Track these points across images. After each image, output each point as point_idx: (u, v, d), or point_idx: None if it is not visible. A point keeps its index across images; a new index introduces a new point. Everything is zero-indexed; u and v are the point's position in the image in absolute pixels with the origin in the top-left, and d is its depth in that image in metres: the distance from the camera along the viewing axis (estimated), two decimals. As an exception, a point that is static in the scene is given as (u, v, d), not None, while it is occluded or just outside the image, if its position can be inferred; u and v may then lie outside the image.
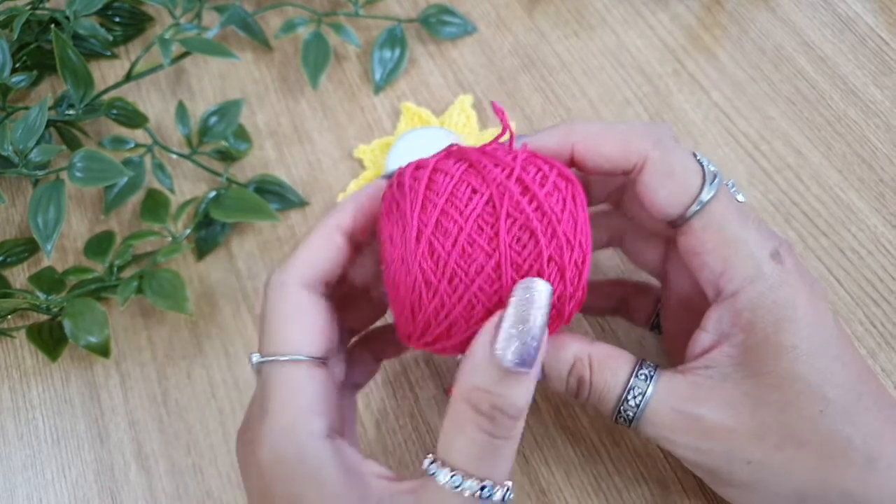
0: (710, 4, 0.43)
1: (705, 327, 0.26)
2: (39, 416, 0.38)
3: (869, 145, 0.38)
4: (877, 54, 0.40)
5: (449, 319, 0.24)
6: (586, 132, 0.27)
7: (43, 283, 0.39)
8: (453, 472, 0.23)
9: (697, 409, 0.25)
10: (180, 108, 0.42)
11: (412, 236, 0.24)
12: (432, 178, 0.25)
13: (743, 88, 0.40)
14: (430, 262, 0.24)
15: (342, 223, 0.27)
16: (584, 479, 0.32)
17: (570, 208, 0.25)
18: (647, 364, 0.27)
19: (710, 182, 0.26)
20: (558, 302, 0.24)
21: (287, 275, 0.26)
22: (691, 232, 0.26)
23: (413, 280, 0.24)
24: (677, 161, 0.26)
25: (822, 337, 0.25)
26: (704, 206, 0.26)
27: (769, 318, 0.25)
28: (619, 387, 0.26)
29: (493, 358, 0.23)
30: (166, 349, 0.38)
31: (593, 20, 0.44)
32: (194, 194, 0.42)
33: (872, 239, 0.36)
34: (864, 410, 0.25)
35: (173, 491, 0.35)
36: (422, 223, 0.24)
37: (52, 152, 0.37)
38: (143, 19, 0.48)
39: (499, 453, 0.23)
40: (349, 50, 0.46)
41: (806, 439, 0.25)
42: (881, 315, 0.34)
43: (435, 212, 0.24)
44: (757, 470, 0.25)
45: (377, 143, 0.42)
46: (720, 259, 0.26)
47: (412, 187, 0.25)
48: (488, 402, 0.23)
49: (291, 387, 0.25)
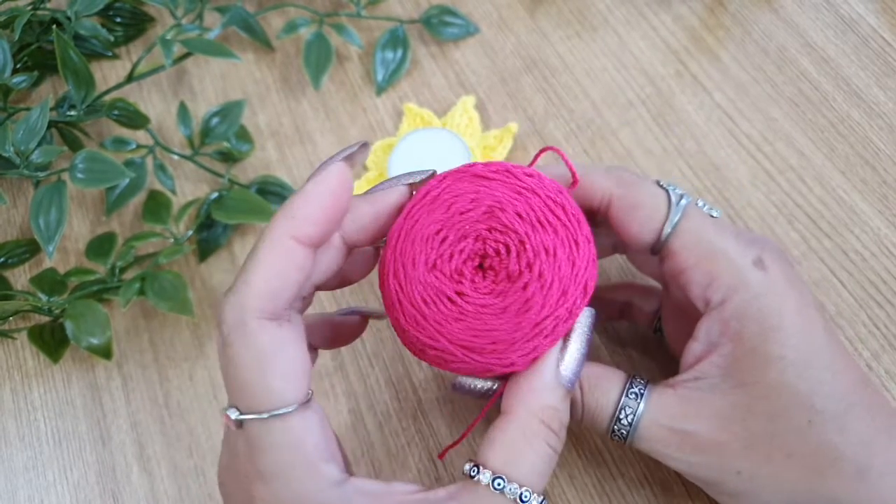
0: (712, 6, 0.43)
1: (696, 337, 0.27)
2: (41, 417, 0.38)
3: (872, 147, 0.38)
4: (880, 56, 0.40)
5: (410, 303, 0.25)
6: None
7: (44, 285, 0.39)
8: (519, 487, 0.23)
9: (687, 425, 0.26)
10: (182, 108, 0.42)
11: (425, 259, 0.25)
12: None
13: (746, 90, 0.40)
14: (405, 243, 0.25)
15: (296, 232, 0.23)
16: (587, 482, 0.32)
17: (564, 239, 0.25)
18: (637, 381, 0.27)
19: (677, 203, 0.26)
20: (561, 324, 0.25)
21: (244, 307, 0.22)
22: (671, 254, 0.27)
23: (420, 304, 0.25)
24: (641, 192, 0.27)
25: (811, 346, 0.25)
26: (676, 227, 0.26)
27: (755, 327, 0.25)
28: (610, 406, 0.27)
29: (559, 378, 0.24)
30: (168, 351, 0.38)
31: (595, 21, 0.44)
32: (196, 195, 0.42)
33: (876, 241, 0.35)
34: (856, 419, 0.25)
35: (175, 493, 0.35)
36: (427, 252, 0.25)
37: (54, 153, 0.37)
38: (145, 20, 0.48)
39: (552, 466, 0.25)
40: (351, 51, 0.46)
41: (795, 450, 0.25)
42: (884, 317, 0.34)
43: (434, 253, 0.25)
44: (747, 480, 0.25)
45: (379, 144, 0.42)
46: (703, 272, 0.26)
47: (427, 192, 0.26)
48: (558, 419, 0.24)
49: (290, 446, 0.22)
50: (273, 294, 0.22)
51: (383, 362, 0.36)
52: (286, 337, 0.23)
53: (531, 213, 0.25)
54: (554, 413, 0.24)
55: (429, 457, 0.34)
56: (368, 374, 0.36)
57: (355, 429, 0.35)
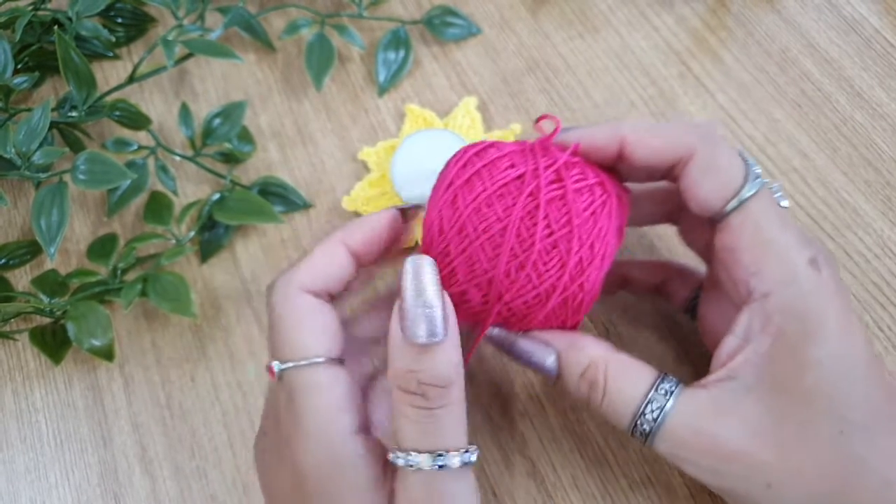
0: (715, 7, 0.43)
1: (734, 331, 0.26)
2: (42, 419, 0.37)
3: (875, 148, 0.38)
4: (883, 56, 0.40)
5: (452, 265, 0.26)
6: (636, 127, 0.28)
7: (46, 286, 0.38)
8: (408, 454, 0.24)
9: (717, 429, 0.25)
10: (183, 109, 0.42)
11: (444, 184, 0.27)
12: (486, 149, 0.28)
13: (748, 91, 0.40)
14: (448, 210, 0.27)
15: (348, 240, 0.28)
16: (590, 483, 0.32)
17: (596, 213, 0.26)
18: (668, 378, 0.26)
19: (752, 180, 0.26)
20: (556, 294, 0.26)
21: (291, 281, 0.27)
22: (728, 228, 0.26)
23: (431, 222, 0.27)
24: (722, 157, 0.26)
25: (851, 355, 0.24)
26: (743, 204, 0.26)
27: (799, 326, 0.25)
28: (636, 400, 0.26)
29: (406, 338, 0.24)
30: (170, 352, 0.38)
31: (598, 22, 0.44)
32: (198, 196, 0.42)
33: (879, 242, 0.35)
34: (886, 433, 0.24)
35: (177, 494, 0.35)
36: (457, 176, 0.27)
37: (55, 154, 0.37)
38: (146, 20, 0.48)
39: (442, 423, 0.24)
40: (353, 51, 0.45)
41: (825, 461, 0.24)
42: (888, 318, 0.34)
43: (470, 171, 0.27)
44: (776, 494, 0.24)
45: (381, 145, 0.41)
46: (755, 258, 0.25)
47: (466, 150, 0.28)
48: (414, 379, 0.24)
49: (317, 389, 0.26)
50: (315, 277, 0.27)
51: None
52: (321, 308, 0.27)
53: None
54: (409, 375, 0.24)
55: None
56: (371, 376, 0.36)
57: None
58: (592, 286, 0.26)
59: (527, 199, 0.25)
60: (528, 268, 0.25)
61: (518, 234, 0.25)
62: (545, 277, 0.26)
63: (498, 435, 0.34)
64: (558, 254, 0.25)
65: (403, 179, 0.38)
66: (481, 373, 0.35)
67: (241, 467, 0.35)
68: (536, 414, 0.34)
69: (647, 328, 0.35)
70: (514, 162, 0.27)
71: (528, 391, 0.34)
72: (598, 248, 0.26)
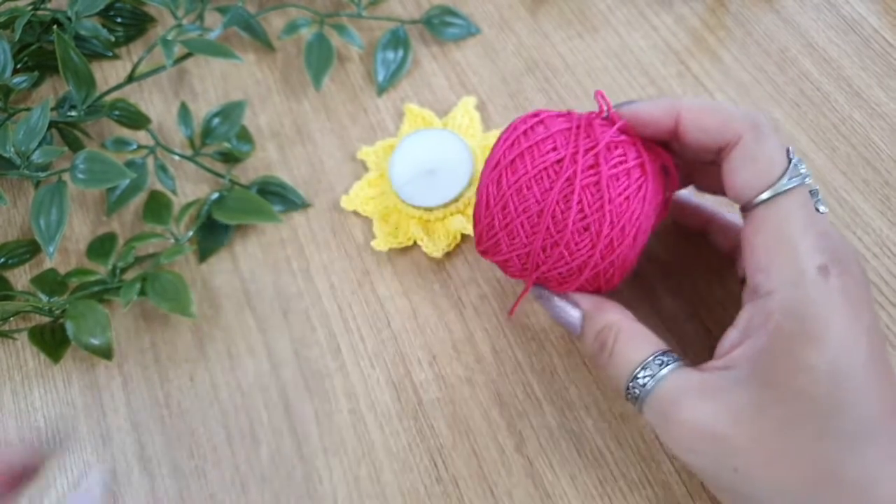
0: (714, 6, 0.43)
1: (737, 325, 0.27)
2: (41, 417, 0.38)
3: (874, 147, 0.38)
4: (882, 56, 0.40)
5: (496, 237, 0.30)
6: (692, 105, 0.28)
7: (45, 285, 0.39)
8: None
9: (699, 407, 0.26)
10: (183, 109, 0.42)
11: (491, 164, 0.30)
12: (534, 127, 0.30)
13: (747, 90, 0.40)
14: (493, 188, 0.29)
15: None
16: (588, 482, 0.32)
17: (630, 197, 0.28)
18: (670, 354, 0.28)
19: (789, 178, 0.26)
20: (588, 269, 0.28)
21: None
22: (752, 220, 0.27)
23: (480, 196, 0.30)
24: (765, 149, 0.27)
25: (848, 364, 0.24)
26: (773, 199, 0.26)
27: (797, 328, 0.25)
28: (634, 363, 0.28)
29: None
30: (169, 351, 0.38)
31: (597, 21, 0.44)
32: (197, 196, 0.42)
33: (877, 241, 0.35)
34: (874, 446, 0.24)
35: (176, 493, 0.35)
36: (503, 157, 0.29)
37: (54, 154, 0.37)
38: (145, 20, 0.48)
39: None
40: (352, 51, 0.46)
41: (797, 460, 0.24)
42: (886, 318, 0.34)
43: (515, 152, 0.29)
44: (742, 480, 0.25)
45: (380, 144, 0.42)
46: (767, 255, 0.26)
47: (515, 128, 0.30)
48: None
49: None
50: None
51: (384, 362, 0.36)
52: None
53: None
54: None
55: (429, 457, 0.34)
56: (369, 375, 0.36)
57: (355, 429, 0.35)
58: (623, 262, 0.29)
59: (563, 185, 0.28)
60: (561, 246, 0.28)
61: (553, 215, 0.28)
62: (577, 255, 0.28)
63: (496, 434, 0.34)
64: (589, 235, 0.28)
65: (402, 179, 0.38)
66: (480, 372, 0.35)
67: (240, 466, 0.35)
68: (534, 413, 0.34)
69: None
70: (557, 144, 0.29)
71: (526, 390, 0.35)
72: (629, 229, 0.28)
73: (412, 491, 0.33)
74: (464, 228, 0.37)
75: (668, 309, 0.35)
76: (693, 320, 0.35)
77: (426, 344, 0.36)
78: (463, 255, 0.38)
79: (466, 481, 0.33)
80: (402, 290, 0.38)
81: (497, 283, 0.37)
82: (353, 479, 0.34)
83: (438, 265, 0.38)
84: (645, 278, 0.36)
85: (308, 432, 0.35)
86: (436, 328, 0.37)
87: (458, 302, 0.37)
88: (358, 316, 0.38)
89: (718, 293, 0.35)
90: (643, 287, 0.36)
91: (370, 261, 0.39)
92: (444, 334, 0.36)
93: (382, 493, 0.34)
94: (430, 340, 0.36)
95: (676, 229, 0.37)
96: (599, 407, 0.34)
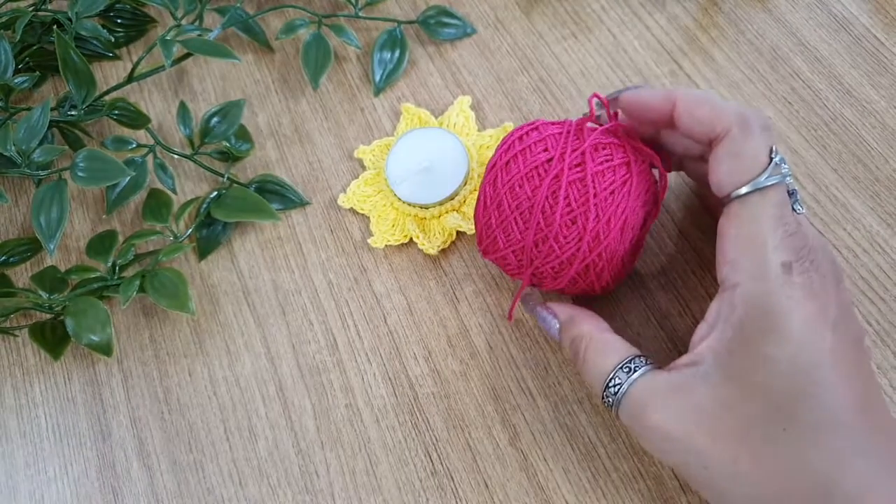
0: (706, 5, 0.44)
1: (706, 318, 0.27)
2: (42, 413, 0.38)
3: (864, 145, 0.38)
4: (872, 54, 0.40)
5: (494, 235, 0.31)
6: (688, 95, 0.29)
7: (45, 283, 0.39)
8: None
9: (665, 410, 0.26)
10: (182, 108, 0.43)
11: (491, 165, 0.32)
12: (529, 132, 0.32)
13: (739, 89, 0.41)
14: (490, 188, 0.32)
15: None
16: (581, 476, 0.33)
17: (616, 189, 0.29)
18: (640, 360, 0.28)
19: (769, 176, 0.27)
20: (577, 261, 0.30)
21: None
22: (729, 212, 0.27)
23: (479, 197, 0.32)
24: (750, 146, 0.27)
25: (812, 358, 0.25)
26: (750, 195, 0.27)
27: (759, 322, 0.25)
28: (605, 373, 0.29)
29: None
30: (168, 347, 0.39)
31: (590, 21, 0.44)
32: (196, 194, 0.42)
33: (867, 237, 0.36)
34: (837, 438, 0.24)
35: (175, 488, 0.35)
36: (499, 159, 0.32)
37: (55, 152, 0.38)
38: (145, 20, 0.48)
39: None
40: (349, 51, 0.46)
41: (763, 455, 0.24)
42: (876, 313, 0.34)
43: (510, 154, 0.31)
44: (713, 477, 0.25)
45: (377, 143, 0.42)
46: (735, 247, 0.27)
47: (513, 133, 0.32)
48: None
49: None
50: None
51: (380, 358, 0.37)
52: None
53: None
54: None
55: (425, 451, 0.34)
56: (365, 370, 0.36)
57: (352, 423, 0.35)
58: (612, 257, 0.30)
59: (552, 181, 0.30)
60: (551, 239, 0.30)
61: (543, 210, 0.30)
62: (566, 248, 0.30)
63: (490, 428, 0.34)
64: (577, 228, 0.29)
65: (398, 177, 0.39)
66: (474, 367, 0.36)
67: (238, 461, 0.35)
68: (528, 407, 0.34)
69: (639, 324, 0.35)
70: (548, 146, 0.31)
71: (520, 385, 0.35)
72: (614, 222, 0.29)
73: (408, 484, 0.34)
74: (459, 226, 0.38)
75: (661, 305, 0.35)
76: (686, 316, 0.35)
77: (422, 339, 0.37)
78: (458, 252, 0.39)
79: (461, 474, 0.34)
80: (398, 286, 0.38)
81: (491, 280, 0.38)
82: (350, 472, 0.34)
83: (434, 262, 0.39)
84: (637, 275, 0.36)
85: (305, 427, 0.36)
86: (431, 324, 0.37)
87: (454, 298, 0.38)
88: (354, 312, 0.38)
89: (711, 288, 0.35)
90: (636, 284, 0.36)
91: (367, 258, 0.39)
92: (440, 330, 0.37)
93: (378, 487, 0.34)
94: (425, 336, 0.37)
95: (669, 227, 0.37)
96: (592, 401, 0.34)
